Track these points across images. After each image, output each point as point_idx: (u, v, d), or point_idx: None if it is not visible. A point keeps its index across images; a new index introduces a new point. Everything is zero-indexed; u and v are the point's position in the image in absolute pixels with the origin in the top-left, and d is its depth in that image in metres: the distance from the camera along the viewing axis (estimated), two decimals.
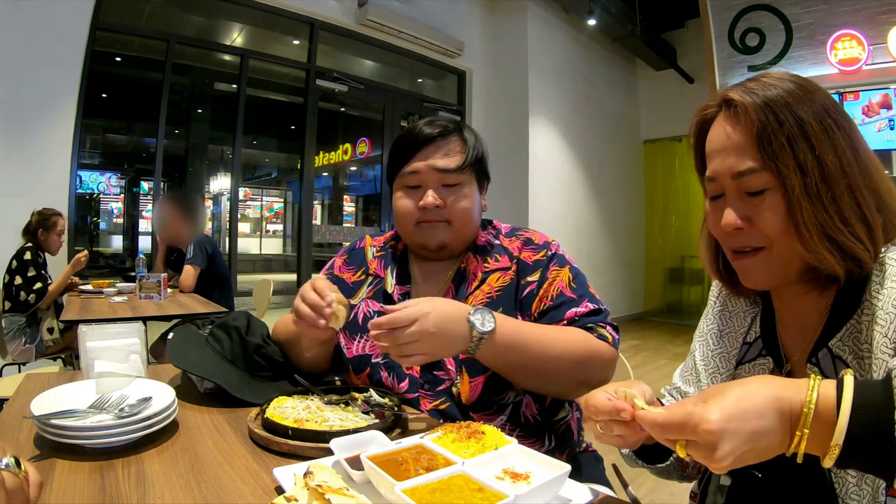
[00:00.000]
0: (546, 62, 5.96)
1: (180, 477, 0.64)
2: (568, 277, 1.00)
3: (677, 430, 0.48)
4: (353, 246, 1.21)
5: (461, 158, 1.03)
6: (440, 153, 1.03)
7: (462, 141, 1.05)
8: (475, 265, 1.05)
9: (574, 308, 0.96)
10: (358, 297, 1.10)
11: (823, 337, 0.66)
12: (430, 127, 1.04)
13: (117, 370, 0.90)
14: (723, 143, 0.65)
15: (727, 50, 4.99)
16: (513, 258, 1.04)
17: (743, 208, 0.65)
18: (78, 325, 0.97)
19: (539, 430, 0.97)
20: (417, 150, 1.04)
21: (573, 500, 0.60)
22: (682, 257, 7.40)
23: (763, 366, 0.74)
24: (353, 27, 4.97)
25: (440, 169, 1.02)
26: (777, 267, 0.65)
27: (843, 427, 0.45)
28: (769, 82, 0.65)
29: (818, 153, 0.61)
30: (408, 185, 1.05)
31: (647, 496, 2.28)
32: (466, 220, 1.04)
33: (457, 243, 1.06)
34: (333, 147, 9.27)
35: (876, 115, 4.53)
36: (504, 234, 1.11)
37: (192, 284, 3.13)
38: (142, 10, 4.46)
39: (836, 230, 0.60)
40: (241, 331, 0.99)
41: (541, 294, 0.99)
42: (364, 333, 1.04)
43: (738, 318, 0.80)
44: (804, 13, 4.67)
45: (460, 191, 1.04)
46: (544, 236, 1.08)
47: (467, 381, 0.94)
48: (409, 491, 0.53)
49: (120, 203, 9.60)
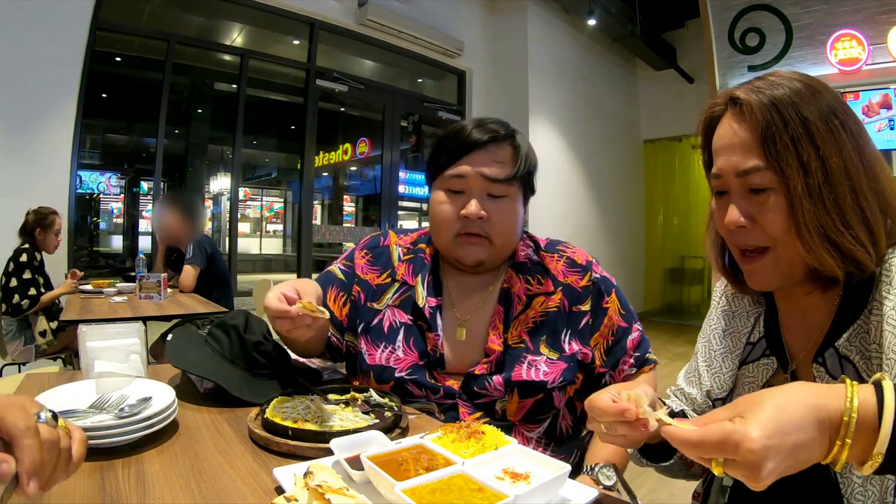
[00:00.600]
0: (546, 62, 5.96)
1: (180, 477, 0.64)
2: (617, 307, 1.02)
3: (716, 449, 0.45)
4: (376, 242, 1.13)
5: (511, 168, 0.97)
6: (490, 160, 0.96)
7: (514, 149, 0.98)
8: (518, 286, 1.01)
9: (629, 337, 1.01)
10: (382, 303, 1.05)
11: (830, 337, 0.66)
12: (480, 130, 0.97)
13: (117, 370, 0.90)
14: (728, 141, 0.66)
15: (727, 50, 4.99)
16: (557, 283, 1.01)
17: (747, 206, 0.65)
18: (78, 325, 0.97)
19: (571, 446, 0.99)
20: (466, 153, 0.97)
21: (573, 500, 0.60)
22: (682, 257, 7.41)
23: (767, 366, 0.73)
24: (353, 27, 4.97)
25: (488, 177, 0.96)
26: (783, 267, 0.65)
27: (888, 434, 0.43)
28: (777, 81, 0.64)
29: (822, 154, 0.60)
30: (450, 189, 0.99)
31: (647, 496, 2.28)
32: (508, 237, 0.99)
33: (494, 260, 1.01)
34: (333, 147, 9.27)
35: (876, 115, 4.53)
36: (543, 248, 1.06)
37: (191, 284, 3.13)
38: (142, 10, 4.46)
39: (837, 232, 0.60)
40: (239, 329, 0.99)
41: (602, 331, 0.99)
42: (388, 343, 1.00)
43: (741, 317, 0.79)
44: (804, 13, 4.66)
45: (506, 203, 0.98)
46: (584, 255, 1.06)
47: (516, 402, 0.93)
48: (409, 491, 0.53)
49: (120, 203, 9.60)
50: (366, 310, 1.05)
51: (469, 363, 0.97)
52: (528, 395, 0.93)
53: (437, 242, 1.04)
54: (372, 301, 1.06)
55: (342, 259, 1.14)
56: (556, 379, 0.94)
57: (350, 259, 1.12)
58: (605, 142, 6.85)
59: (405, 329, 1.01)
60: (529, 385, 0.92)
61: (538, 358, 0.95)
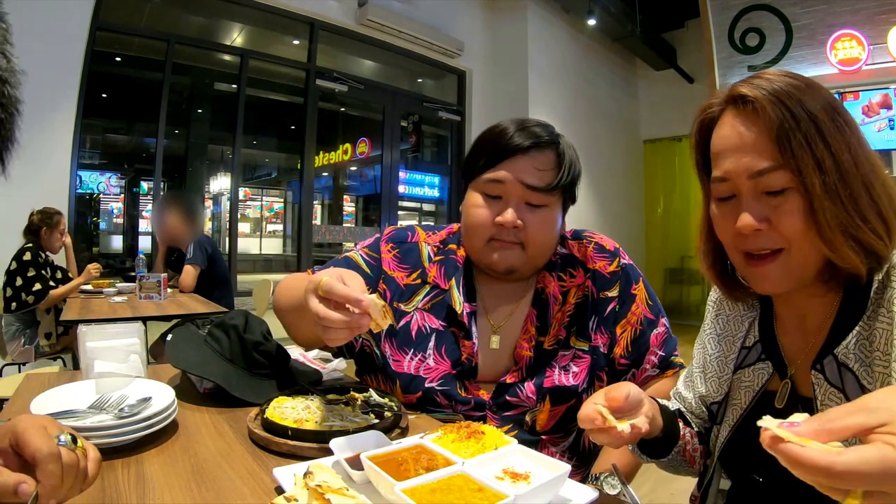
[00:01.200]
0: (546, 62, 5.97)
1: (180, 477, 0.64)
2: (645, 296, 0.99)
3: (874, 481, 0.34)
4: (404, 237, 1.05)
5: (553, 177, 0.92)
6: (531, 166, 0.91)
7: (557, 156, 0.93)
8: (553, 286, 0.98)
9: (655, 331, 0.98)
10: (411, 305, 0.99)
11: (829, 343, 0.64)
12: (522, 134, 0.92)
13: (117, 370, 0.90)
14: (736, 142, 0.62)
15: (727, 50, 4.99)
16: (587, 271, 0.98)
17: (761, 209, 0.61)
18: (78, 326, 0.97)
19: (591, 460, 0.97)
20: (506, 157, 0.92)
21: (573, 500, 0.60)
22: (682, 257, 7.40)
23: (763, 370, 0.72)
24: (353, 27, 4.97)
25: (527, 185, 0.91)
26: (796, 269, 0.63)
27: None
28: (773, 79, 0.62)
29: (834, 150, 0.59)
30: (487, 193, 0.93)
31: (647, 496, 2.28)
32: (544, 248, 0.95)
33: (527, 269, 0.96)
34: (333, 147, 9.26)
35: (876, 115, 4.53)
36: (569, 237, 1.03)
37: (192, 284, 3.13)
38: (142, 10, 4.46)
39: (857, 228, 0.59)
40: (239, 329, 0.99)
41: (629, 318, 0.97)
42: (417, 349, 0.96)
43: (735, 322, 0.79)
44: (804, 13, 4.67)
45: (544, 213, 0.93)
46: (612, 241, 1.03)
47: (548, 410, 0.92)
48: (409, 491, 0.53)
49: (120, 203, 9.59)
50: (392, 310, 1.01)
51: (500, 372, 0.95)
52: (560, 402, 0.92)
53: (468, 246, 0.99)
54: (399, 301, 1.00)
55: (364, 247, 1.06)
56: (584, 379, 0.93)
57: (375, 250, 1.04)
58: (605, 142, 6.84)
59: (437, 336, 0.97)
60: (561, 391, 0.91)
61: (568, 353, 0.94)
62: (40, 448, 0.45)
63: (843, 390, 0.62)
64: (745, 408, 0.72)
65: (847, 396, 0.61)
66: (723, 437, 0.74)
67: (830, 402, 0.63)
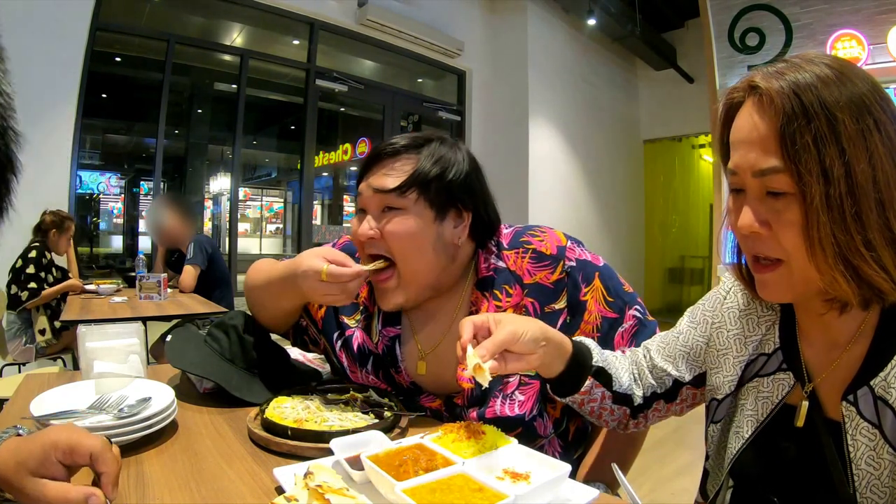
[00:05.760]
0: (546, 62, 5.97)
1: (180, 477, 0.64)
2: (601, 295, 0.88)
3: None
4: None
5: (402, 177, 0.84)
6: (383, 172, 0.86)
7: (418, 158, 0.86)
8: (487, 306, 0.88)
9: (619, 329, 0.88)
10: (353, 320, 0.98)
11: (864, 372, 0.57)
12: (384, 145, 0.88)
13: (117, 370, 0.90)
14: (747, 135, 0.57)
15: (727, 50, 4.98)
16: (524, 286, 0.88)
17: (763, 211, 0.57)
18: (77, 326, 0.97)
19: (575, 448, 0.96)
20: (366, 171, 0.88)
21: (573, 500, 0.60)
22: (682, 257, 7.41)
23: (783, 381, 0.65)
24: (353, 27, 4.97)
25: (377, 189, 0.85)
26: (798, 284, 0.58)
27: None
28: (801, 64, 0.55)
29: (848, 159, 0.51)
30: (358, 209, 0.89)
31: (647, 496, 2.28)
32: (410, 259, 0.85)
33: (419, 293, 0.88)
34: (333, 147, 9.25)
35: None
36: (506, 245, 0.92)
37: (192, 284, 3.13)
38: (142, 10, 4.46)
39: (856, 253, 0.52)
40: (239, 329, 0.99)
41: (583, 328, 0.87)
42: (362, 366, 0.95)
43: (752, 321, 0.71)
44: (804, 13, 4.66)
45: (399, 217, 0.84)
46: (554, 239, 0.90)
47: None
48: (409, 491, 0.53)
49: (120, 203, 9.59)
50: (340, 322, 0.99)
51: (448, 385, 0.91)
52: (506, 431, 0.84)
53: None
54: (343, 314, 0.99)
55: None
56: (531, 408, 0.85)
57: None
58: (605, 142, 6.84)
59: (374, 359, 0.96)
60: (504, 422, 0.82)
61: (512, 380, 0.86)
62: (95, 444, 0.49)
63: (880, 427, 0.55)
64: (761, 421, 0.66)
65: (884, 435, 0.55)
66: (735, 447, 0.67)
67: (862, 438, 0.56)
